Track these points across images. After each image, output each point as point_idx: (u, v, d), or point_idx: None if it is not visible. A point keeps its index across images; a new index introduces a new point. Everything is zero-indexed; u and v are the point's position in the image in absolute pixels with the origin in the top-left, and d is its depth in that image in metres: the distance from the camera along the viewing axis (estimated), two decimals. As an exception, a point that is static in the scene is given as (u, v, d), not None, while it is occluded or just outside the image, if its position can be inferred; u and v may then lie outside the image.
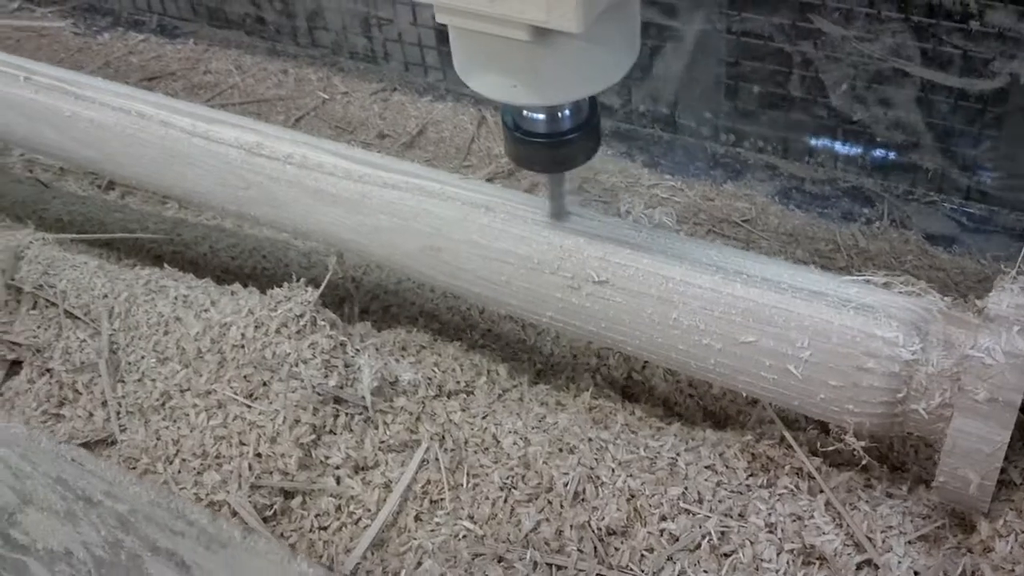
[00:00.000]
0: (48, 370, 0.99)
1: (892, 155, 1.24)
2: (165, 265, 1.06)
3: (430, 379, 0.91)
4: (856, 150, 1.26)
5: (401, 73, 1.55)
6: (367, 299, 1.10)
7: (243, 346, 0.91)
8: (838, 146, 1.27)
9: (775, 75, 1.25)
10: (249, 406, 0.88)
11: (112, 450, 0.90)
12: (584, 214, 0.81)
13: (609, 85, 0.69)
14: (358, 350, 0.91)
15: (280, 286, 0.96)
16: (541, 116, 0.72)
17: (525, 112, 0.72)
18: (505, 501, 0.81)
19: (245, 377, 0.90)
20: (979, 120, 1.14)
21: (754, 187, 1.29)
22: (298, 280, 0.95)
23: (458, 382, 0.91)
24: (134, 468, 0.86)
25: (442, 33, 1.47)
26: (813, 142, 1.29)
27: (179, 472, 0.86)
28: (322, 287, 0.94)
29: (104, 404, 0.93)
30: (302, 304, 0.92)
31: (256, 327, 0.92)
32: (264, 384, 0.89)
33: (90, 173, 1.40)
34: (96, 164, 1.01)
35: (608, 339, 0.79)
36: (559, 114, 0.71)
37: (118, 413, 0.92)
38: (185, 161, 0.95)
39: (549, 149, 0.73)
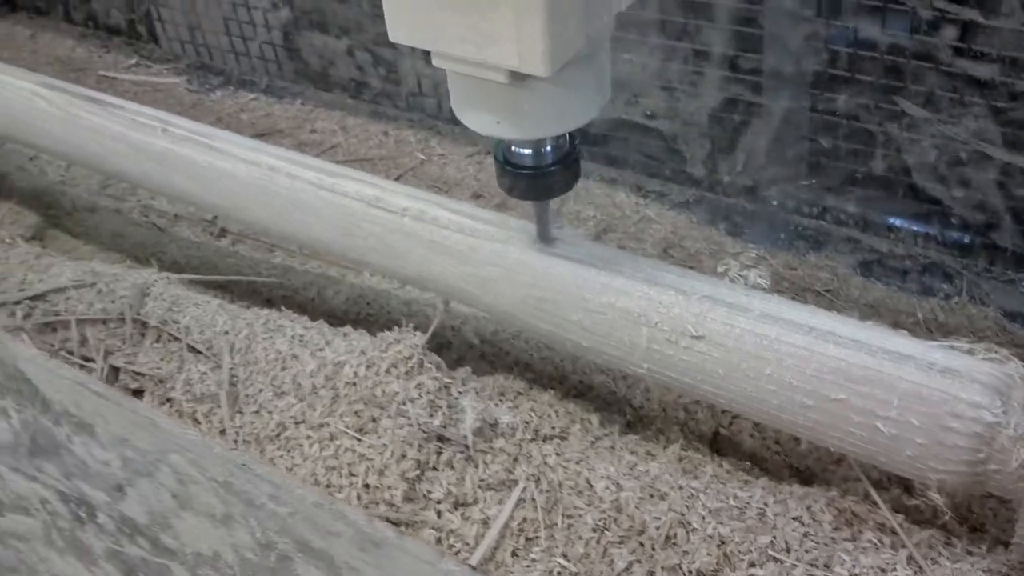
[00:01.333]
0: (169, 399, 1.06)
1: (971, 233, 1.28)
2: (282, 308, 1.13)
3: (527, 423, 0.96)
4: (936, 227, 1.31)
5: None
6: (464, 347, 1.16)
7: (355, 383, 0.98)
8: (918, 223, 1.32)
9: (859, 153, 1.30)
10: (359, 440, 0.95)
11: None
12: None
13: (582, 124, 0.80)
14: (461, 392, 0.97)
15: (385, 330, 1.03)
16: (526, 150, 0.83)
17: (512, 147, 0.83)
18: (598, 542, 0.86)
19: (356, 413, 0.96)
20: (1059, 203, 1.19)
21: (836, 259, 1.34)
22: (407, 325, 1.02)
23: (553, 427, 0.97)
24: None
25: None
26: (894, 218, 1.33)
27: (292, 498, 0.92)
28: (429, 332, 1.00)
29: (222, 432, 1.00)
30: (411, 347, 0.99)
31: (368, 366, 0.98)
32: (374, 420, 0.96)
33: (203, 220, 1.49)
34: (224, 211, 1.09)
35: (702, 392, 0.85)
36: (542, 149, 0.83)
37: (235, 441, 0.99)
38: (309, 211, 1.02)
39: (534, 179, 0.84)
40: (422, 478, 0.92)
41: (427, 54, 0.77)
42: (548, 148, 0.83)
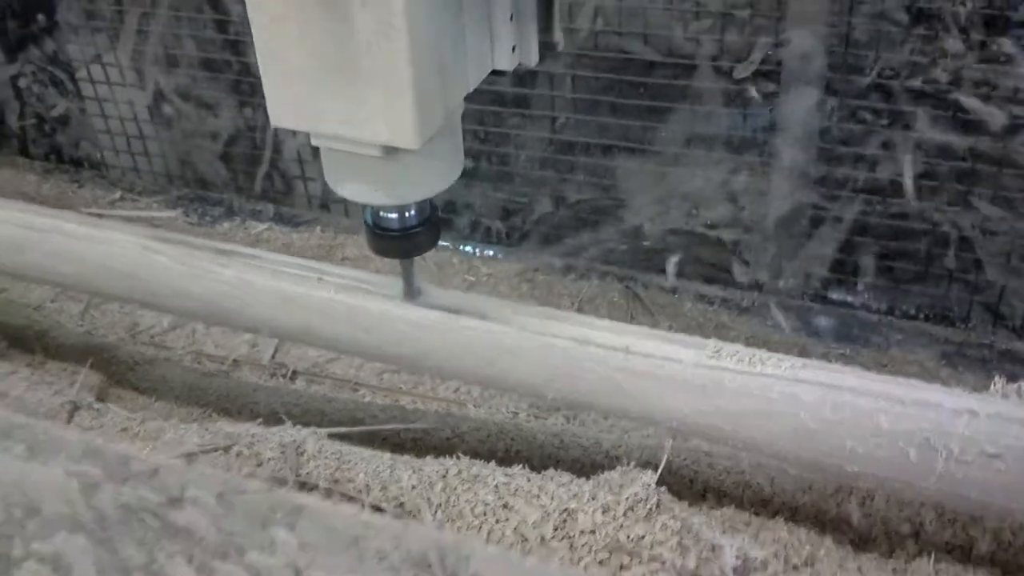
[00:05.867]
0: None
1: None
2: (459, 455, 1.08)
3: (776, 555, 0.95)
4: (1012, 319, 1.39)
5: (537, 254, 1.62)
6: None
7: (594, 531, 0.94)
8: (993, 314, 1.40)
9: (930, 253, 1.38)
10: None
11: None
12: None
13: (444, 188, 0.92)
14: (703, 528, 0.95)
15: (551, 468, 1.01)
16: (394, 215, 0.94)
17: (381, 212, 0.94)
18: (896, 667, 0.85)
19: (601, 562, 0.93)
20: None
21: (917, 352, 1.40)
22: (627, 463, 0.99)
23: (800, 556, 0.96)
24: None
25: (576, 217, 1.56)
26: (970, 311, 1.41)
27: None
28: (660, 469, 0.98)
29: (452, 597, 0.94)
30: (644, 486, 0.96)
31: (604, 511, 0.95)
32: (622, 567, 0.92)
33: (261, 363, 1.41)
34: (409, 361, 1.04)
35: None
36: (407, 212, 0.94)
37: (471, 606, 0.93)
38: (514, 355, 0.99)
39: (401, 240, 0.96)
40: (689, 623, 0.90)
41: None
42: (413, 212, 0.95)
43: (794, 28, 1.31)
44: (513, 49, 0.92)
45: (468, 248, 1.66)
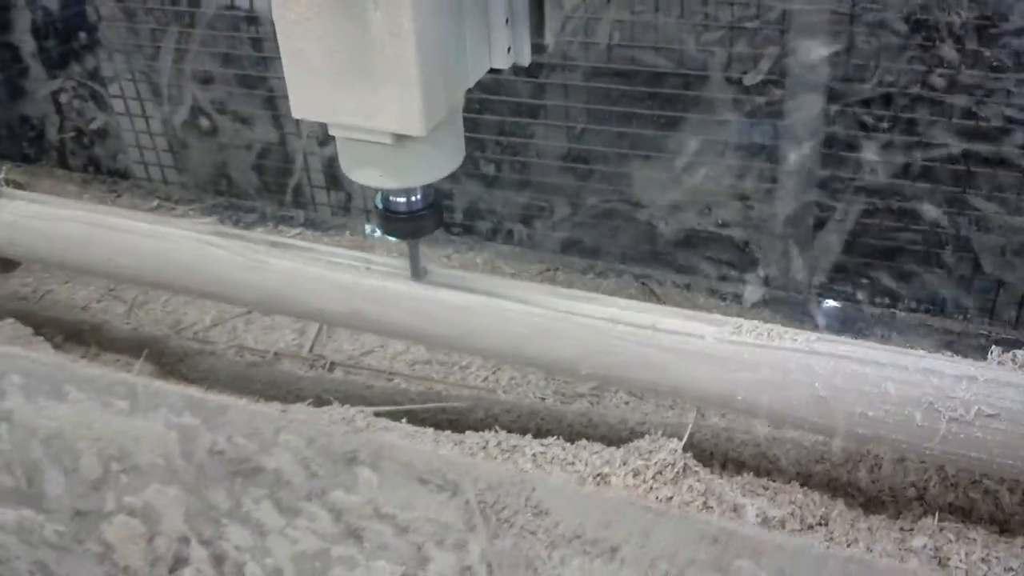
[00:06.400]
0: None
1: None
2: (496, 428, 1.16)
3: (792, 514, 1.04)
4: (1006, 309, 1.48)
5: (555, 253, 1.71)
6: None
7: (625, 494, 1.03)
8: (990, 304, 1.49)
9: (928, 250, 1.47)
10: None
11: None
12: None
13: (447, 174, 1.03)
14: (725, 490, 1.04)
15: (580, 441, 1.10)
16: (402, 199, 1.06)
17: (391, 197, 1.06)
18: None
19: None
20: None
21: (917, 343, 1.49)
22: (655, 433, 1.08)
23: (814, 515, 1.05)
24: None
25: (594, 217, 1.65)
26: (967, 301, 1.50)
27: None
28: (686, 437, 1.07)
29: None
30: (671, 452, 1.05)
31: (635, 475, 1.04)
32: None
33: (300, 355, 1.50)
34: (450, 341, 1.13)
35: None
36: (413, 197, 1.06)
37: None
38: (553, 335, 1.08)
39: (408, 222, 1.07)
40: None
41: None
42: (418, 197, 1.06)
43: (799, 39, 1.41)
44: (508, 50, 1.04)
45: (490, 249, 1.75)
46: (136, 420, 0.84)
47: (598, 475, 1.05)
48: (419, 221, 1.08)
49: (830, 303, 1.57)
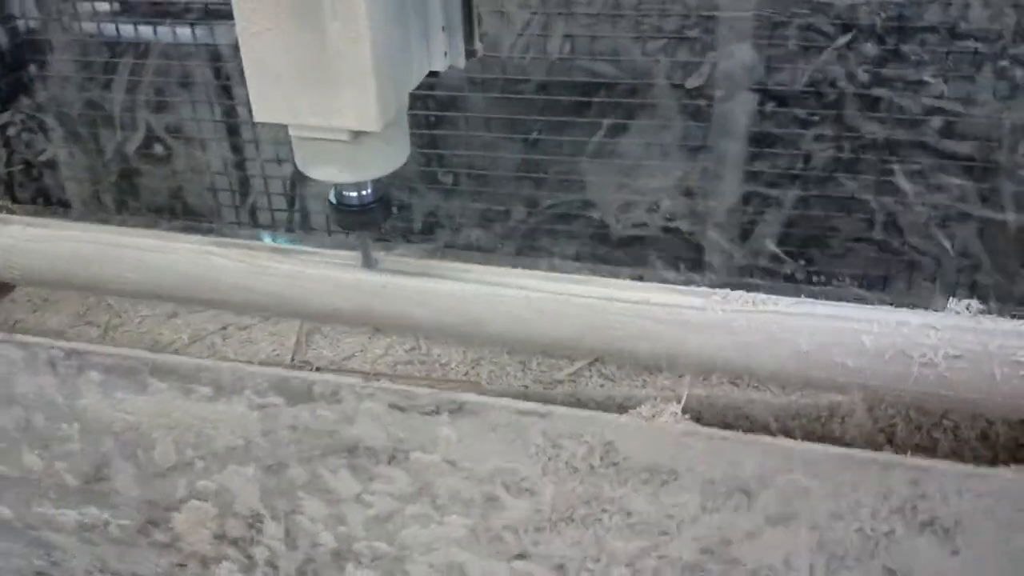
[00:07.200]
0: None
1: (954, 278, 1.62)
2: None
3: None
4: (933, 278, 1.63)
5: (515, 256, 1.81)
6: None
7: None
8: (916, 276, 1.64)
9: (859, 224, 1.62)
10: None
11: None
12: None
13: (395, 168, 1.14)
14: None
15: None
16: (354, 193, 1.17)
17: (344, 192, 1.17)
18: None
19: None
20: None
21: (855, 314, 1.63)
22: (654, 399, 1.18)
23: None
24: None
25: (549, 219, 1.75)
26: (894, 273, 1.65)
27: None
28: (683, 400, 1.18)
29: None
30: (672, 414, 1.15)
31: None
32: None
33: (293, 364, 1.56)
34: (456, 328, 1.21)
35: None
36: (363, 191, 1.17)
37: (538, 525, 1.10)
38: (552, 316, 1.17)
39: (360, 215, 1.18)
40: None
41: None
42: (368, 191, 1.17)
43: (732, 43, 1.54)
44: (445, 54, 1.15)
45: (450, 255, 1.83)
46: (218, 405, 0.89)
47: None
48: (369, 214, 1.19)
49: (773, 284, 1.70)
